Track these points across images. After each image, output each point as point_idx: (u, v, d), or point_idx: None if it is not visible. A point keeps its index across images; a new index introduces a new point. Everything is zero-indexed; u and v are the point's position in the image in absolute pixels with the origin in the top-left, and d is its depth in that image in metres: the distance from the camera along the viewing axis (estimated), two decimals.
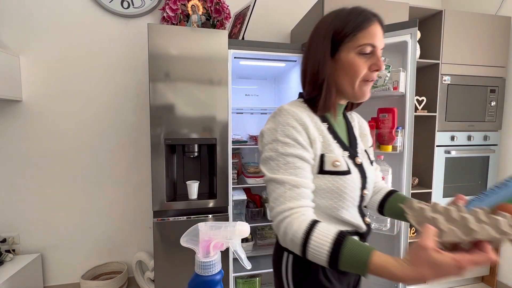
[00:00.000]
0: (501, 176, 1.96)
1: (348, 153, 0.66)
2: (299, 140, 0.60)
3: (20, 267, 1.63)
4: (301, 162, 0.60)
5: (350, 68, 0.62)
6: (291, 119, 0.62)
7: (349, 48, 0.62)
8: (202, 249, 0.39)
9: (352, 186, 0.64)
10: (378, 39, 0.62)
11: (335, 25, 0.63)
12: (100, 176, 1.93)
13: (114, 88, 1.90)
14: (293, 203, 0.56)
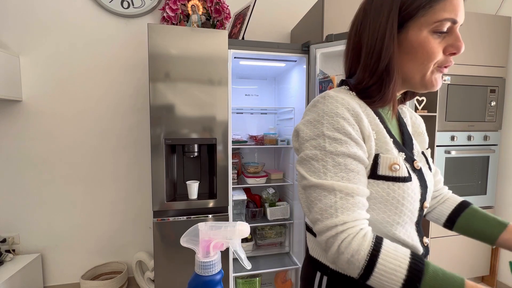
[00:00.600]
0: (501, 176, 1.96)
1: (404, 155, 0.52)
2: (353, 135, 0.47)
3: (20, 267, 1.63)
4: (355, 164, 0.47)
5: (422, 51, 0.48)
6: (341, 108, 0.48)
7: (421, 25, 0.47)
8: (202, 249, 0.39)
9: (412, 197, 0.50)
10: (461, 12, 0.47)
11: None
12: (100, 176, 1.93)
13: (114, 88, 1.90)
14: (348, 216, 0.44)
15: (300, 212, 1.67)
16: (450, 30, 0.48)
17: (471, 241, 1.92)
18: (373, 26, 0.51)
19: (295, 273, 1.79)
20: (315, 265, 0.57)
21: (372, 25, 0.51)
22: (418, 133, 0.65)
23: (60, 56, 1.80)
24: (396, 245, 0.44)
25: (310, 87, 1.52)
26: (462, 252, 1.91)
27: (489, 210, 1.94)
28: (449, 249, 1.88)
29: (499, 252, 1.96)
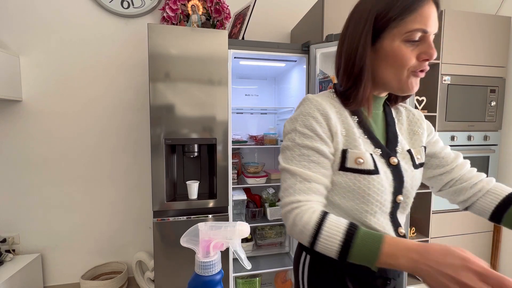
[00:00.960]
0: (501, 176, 1.96)
1: (380, 151, 0.59)
2: (318, 132, 0.56)
3: (20, 267, 1.63)
4: (317, 156, 0.56)
5: (395, 59, 0.54)
6: (313, 108, 0.57)
7: (394, 35, 0.53)
8: (202, 249, 0.39)
9: (378, 188, 0.56)
10: (432, 23, 0.52)
11: (379, 7, 0.53)
12: (100, 176, 1.93)
13: (114, 88, 1.90)
14: (302, 196, 0.54)
15: None
16: (422, 39, 0.53)
17: (471, 241, 1.92)
18: (352, 36, 0.57)
19: None
20: (302, 246, 0.67)
21: (351, 35, 0.57)
22: (413, 132, 0.67)
23: (60, 56, 1.80)
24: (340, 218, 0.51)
25: (310, 87, 1.52)
26: None
27: None
28: None
29: (499, 252, 1.96)
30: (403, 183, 0.60)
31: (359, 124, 0.60)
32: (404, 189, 0.60)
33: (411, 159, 0.62)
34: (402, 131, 0.66)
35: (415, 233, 1.90)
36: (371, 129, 0.60)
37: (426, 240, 1.85)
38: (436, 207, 1.85)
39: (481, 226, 1.93)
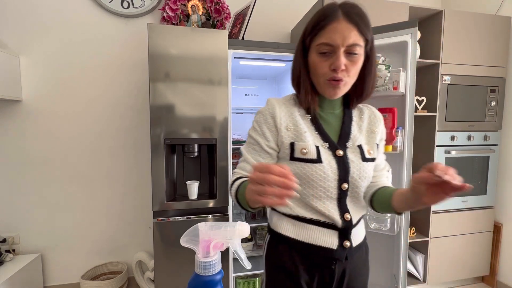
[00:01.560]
0: (501, 176, 1.96)
1: (328, 144, 0.69)
2: (263, 128, 0.71)
3: (20, 267, 1.63)
4: (257, 146, 0.71)
5: (313, 68, 0.66)
6: (266, 108, 0.72)
7: (312, 50, 0.65)
8: (202, 249, 0.39)
9: (320, 175, 0.66)
10: (338, 37, 0.60)
11: (306, 27, 0.67)
12: (100, 176, 1.93)
13: (114, 88, 1.90)
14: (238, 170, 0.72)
15: None
16: (333, 51, 0.62)
17: (471, 241, 1.92)
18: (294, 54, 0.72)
19: None
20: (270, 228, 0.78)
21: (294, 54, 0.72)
22: (371, 131, 0.76)
23: (60, 56, 1.80)
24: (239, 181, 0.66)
25: None
26: (462, 252, 1.91)
27: (489, 210, 1.94)
28: (449, 249, 1.88)
29: (499, 252, 1.96)
30: (349, 173, 0.68)
31: (311, 122, 0.71)
32: (350, 178, 0.68)
33: (360, 153, 0.70)
34: (362, 128, 0.74)
35: (415, 233, 1.90)
36: (322, 126, 0.71)
37: (426, 241, 1.85)
38: (436, 207, 1.85)
39: (481, 226, 1.93)
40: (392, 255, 1.38)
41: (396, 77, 1.22)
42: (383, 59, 1.29)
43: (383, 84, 1.24)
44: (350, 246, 0.69)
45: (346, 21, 0.60)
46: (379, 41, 1.30)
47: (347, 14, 0.61)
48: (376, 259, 1.44)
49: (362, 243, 0.74)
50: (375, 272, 1.44)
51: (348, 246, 0.68)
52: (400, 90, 1.22)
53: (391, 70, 1.24)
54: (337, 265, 0.69)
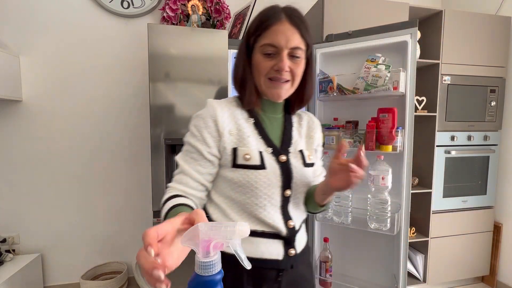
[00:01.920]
0: (501, 176, 1.96)
1: (272, 150, 0.66)
2: (203, 134, 0.63)
3: (20, 267, 1.63)
4: (196, 154, 0.64)
5: (256, 68, 0.65)
6: (206, 111, 0.65)
7: (256, 50, 0.65)
8: (202, 249, 0.39)
9: (265, 182, 0.63)
10: (281, 38, 0.60)
11: (249, 26, 0.67)
12: (100, 176, 1.92)
13: (114, 88, 1.90)
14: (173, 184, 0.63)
15: None
16: (277, 53, 0.62)
17: (471, 241, 1.92)
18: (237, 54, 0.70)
19: None
20: None
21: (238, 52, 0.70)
22: (309, 136, 0.76)
23: (60, 56, 1.80)
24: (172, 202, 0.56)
25: None
26: (462, 252, 1.91)
27: (489, 210, 1.94)
28: (449, 249, 1.88)
29: (499, 252, 1.96)
30: (292, 179, 0.66)
31: (255, 126, 0.68)
32: (293, 184, 0.67)
33: (302, 158, 0.70)
34: (301, 133, 0.75)
35: (415, 233, 1.90)
36: (265, 131, 0.68)
37: (426, 241, 1.85)
38: (436, 207, 1.85)
39: (481, 226, 1.93)
40: (392, 255, 1.38)
41: (396, 77, 1.22)
42: (383, 59, 1.29)
43: (383, 84, 1.23)
44: (294, 254, 0.67)
45: (289, 23, 0.61)
46: (379, 41, 1.30)
47: (290, 17, 0.62)
48: (376, 259, 1.44)
49: (305, 248, 0.73)
50: (375, 272, 1.44)
51: (293, 254, 0.67)
52: (400, 90, 1.22)
53: (391, 70, 1.24)
54: (284, 275, 0.66)
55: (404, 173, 1.29)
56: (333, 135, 1.36)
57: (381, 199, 1.25)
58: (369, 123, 1.27)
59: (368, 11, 1.62)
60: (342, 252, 1.51)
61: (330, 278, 1.42)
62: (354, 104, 1.44)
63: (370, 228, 1.30)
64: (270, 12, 0.63)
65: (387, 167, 1.22)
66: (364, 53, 1.34)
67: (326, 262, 1.40)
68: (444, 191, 1.86)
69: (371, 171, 1.25)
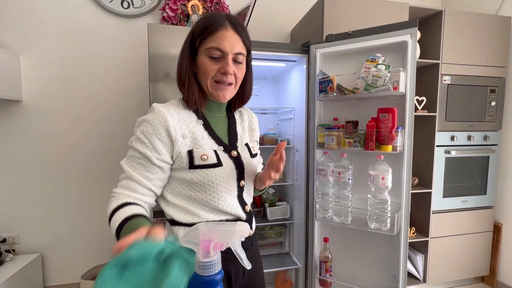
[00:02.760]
0: (501, 176, 1.96)
1: (223, 147, 0.72)
2: (153, 140, 0.64)
3: (20, 267, 1.63)
4: (144, 161, 0.64)
5: (202, 70, 0.68)
6: (154, 117, 0.65)
7: (201, 52, 0.68)
8: (202, 249, 0.39)
9: (223, 177, 0.69)
10: (227, 44, 0.65)
11: (194, 29, 0.70)
12: (100, 176, 1.93)
13: (114, 87, 1.90)
14: (120, 190, 0.64)
15: (300, 212, 1.67)
16: (223, 56, 0.66)
17: (471, 241, 1.92)
18: (180, 54, 0.72)
19: (295, 273, 1.79)
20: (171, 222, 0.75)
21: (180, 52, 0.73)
22: (251, 129, 0.85)
23: (60, 56, 1.80)
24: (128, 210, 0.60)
25: (310, 87, 1.52)
26: (462, 252, 1.91)
27: (489, 210, 1.94)
28: (449, 249, 1.88)
29: (499, 252, 1.96)
30: (244, 170, 0.74)
31: (204, 127, 0.72)
32: (246, 175, 0.75)
33: (248, 151, 0.79)
34: (244, 128, 0.82)
35: (415, 233, 1.90)
36: (213, 130, 0.73)
37: (426, 241, 1.85)
38: (436, 207, 1.85)
39: (481, 226, 1.93)
40: (392, 255, 1.38)
41: (396, 77, 1.22)
42: (383, 59, 1.29)
43: (383, 84, 1.23)
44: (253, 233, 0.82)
45: (233, 31, 0.67)
46: (379, 41, 1.30)
47: (234, 25, 0.67)
48: (376, 259, 1.44)
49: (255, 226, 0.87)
50: (375, 272, 1.44)
51: (252, 233, 0.80)
52: (400, 90, 1.22)
53: (391, 70, 1.24)
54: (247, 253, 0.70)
55: (404, 173, 1.29)
56: (333, 135, 1.36)
57: (381, 199, 1.25)
58: (369, 123, 1.27)
59: (368, 11, 1.62)
60: (342, 252, 1.51)
61: (330, 278, 1.42)
62: (354, 104, 1.44)
63: (370, 228, 1.30)
64: (215, 19, 0.66)
65: (387, 167, 1.22)
66: (364, 53, 1.34)
67: (326, 262, 1.40)
68: (444, 191, 1.86)
69: (371, 171, 1.25)
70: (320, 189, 1.40)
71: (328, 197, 1.38)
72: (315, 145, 1.47)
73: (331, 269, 1.42)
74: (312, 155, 1.50)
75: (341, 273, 1.52)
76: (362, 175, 1.39)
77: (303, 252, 1.62)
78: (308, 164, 1.55)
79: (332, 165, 1.34)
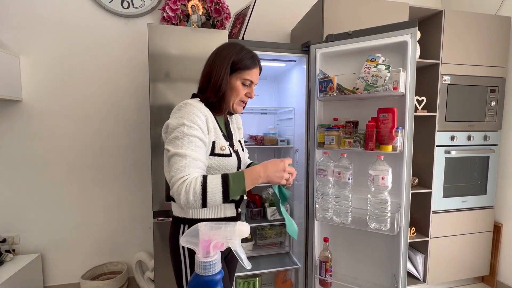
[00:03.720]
0: (501, 176, 1.96)
1: (228, 143, 0.90)
2: (202, 126, 0.79)
3: (20, 267, 1.63)
4: (200, 143, 0.77)
5: (234, 91, 0.88)
6: (196, 110, 0.79)
7: (237, 77, 0.87)
8: (202, 249, 0.39)
9: (231, 165, 0.87)
10: (255, 78, 0.91)
11: (236, 57, 0.86)
12: (100, 176, 1.93)
13: (114, 88, 1.90)
14: (192, 170, 0.72)
15: (300, 212, 1.67)
16: (250, 85, 0.91)
17: (471, 241, 1.92)
18: (219, 68, 0.85)
19: (295, 273, 1.79)
20: (179, 221, 0.87)
21: (218, 67, 0.85)
22: (238, 128, 1.07)
23: (60, 56, 1.80)
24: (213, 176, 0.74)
25: (310, 87, 1.52)
26: (462, 252, 1.91)
27: (489, 210, 1.94)
28: (449, 249, 1.88)
29: (499, 252, 1.96)
30: (241, 162, 0.94)
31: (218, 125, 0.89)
32: (242, 166, 0.95)
33: (241, 146, 1.00)
34: (234, 127, 1.02)
35: (415, 233, 1.90)
36: (222, 129, 0.91)
37: (426, 241, 1.85)
38: (436, 207, 1.85)
39: (481, 226, 1.93)
40: (392, 255, 1.38)
41: (396, 77, 1.22)
42: (383, 59, 1.28)
43: (383, 84, 1.23)
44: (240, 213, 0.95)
45: (259, 69, 0.92)
46: (379, 41, 1.30)
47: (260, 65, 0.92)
48: (376, 259, 1.44)
49: None
50: (375, 272, 1.44)
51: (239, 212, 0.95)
52: (400, 90, 1.22)
53: (391, 70, 1.24)
54: None
55: (404, 173, 1.29)
56: (333, 135, 1.36)
57: (381, 199, 1.25)
58: (369, 123, 1.27)
59: (368, 11, 1.62)
60: (342, 252, 1.51)
61: (330, 278, 1.42)
62: (354, 104, 1.44)
63: (370, 228, 1.30)
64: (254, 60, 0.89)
65: (387, 167, 1.22)
66: (364, 53, 1.34)
67: (326, 262, 1.40)
68: (444, 191, 1.86)
69: (371, 171, 1.25)
70: (320, 189, 1.40)
71: (328, 197, 1.38)
72: (315, 145, 1.47)
73: (331, 269, 1.42)
74: (312, 155, 1.50)
75: (341, 273, 1.52)
76: (362, 175, 1.39)
77: (303, 252, 1.62)
78: (308, 164, 1.55)
79: (332, 165, 1.34)
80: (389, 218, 1.26)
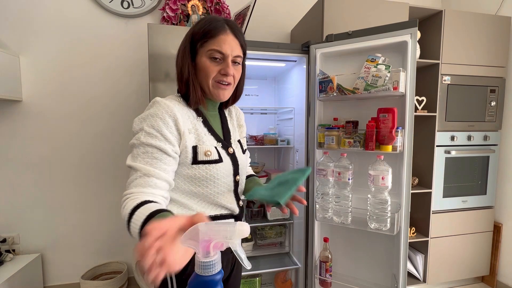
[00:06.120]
0: (501, 176, 1.96)
1: (221, 144, 0.75)
2: (164, 132, 0.64)
3: (20, 267, 1.63)
4: (159, 154, 0.63)
5: (203, 70, 0.71)
6: (161, 111, 0.65)
7: (202, 53, 0.71)
8: (202, 249, 0.39)
9: (224, 173, 0.73)
10: (227, 47, 0.69)
11: (193, 31, 0.73)
12: (100, 176, 1.93)
13: (114, 88, 1.90)
14: (137, 189, 0.59)
15: (300, 212, 1.67)
16: (223, 58, 0.70)
17: (471, 241, 1.92)
18: (179, 52, 0.75)
19: (295, 273, 1.79)
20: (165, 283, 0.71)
21: (179, 54, 0.75)
22: (239, 125, 0.89)
23: (60, 56, 1.80)
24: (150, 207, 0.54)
25: (310, 87, 1.52)
26: (462, 252, 1.91)
27: (489, 210, 1.94)
28: (449, 249, 1.88)
29: (499, 252, 1.96)
30: (238, 166, 0.78)
31: (204, 124, 0.74)
32: (240, 170, 0.79)
33: (240, 147, 0.83)
34: (234, 125, 0.86)
35: (415, 233, 1.90)
36: (212, 127, 0.76)
37: (426, 241, 1.85)
38: (436, 207, 1.85)
39: (481, 226, 1.93)
40: (392, 255, 1.38)
41: (396, 77, 1.22)
42: (383, 59, 1.28)
43: (383, 84, 1.23)
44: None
45: (233, 35, 0.71)
46: (379, 41, 1.30)
47: (233, 29, 0.71)
48: (376, 259, 1.44)
49: None
50: (375, 272, 1.44)
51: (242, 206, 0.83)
52: (400, 90, 1.22)
53: (391, 70, 1.24)
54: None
55: (404, 173, 1.29)
56: (333, 135, 1.36)
57: (381, 199, 1.25)
58: (369, 123, 1.27)
59: (368, 11, 1.62)
60: (342, 252, 1.51)
61: (330, 278, 1.42)
62: (354, 104, 1.44)
63: (370, 228, 1.30)
64: (215, 23, 0.70)
65: (387, 167, 1.22)
66: (364, 53, 1.34)
67: (326, 262, 1.40)
68: (444, 191, 1.86)
69: (371, 171, 1.25)
70: (320, 189, 1.40)
71: (328, 197, 1.38)
72: (315, 145, 1.47)
73: (331, 269, 1.42)
74: (312, 155, 1.50)
75: (341, 273, 1.52)
76: (362, 175, 1.39)
77: (303, 252, 1.62)
78: (308, 164, 1.55)
79: (332, 165, 1.34)
80: (389, 218, 1.26)
